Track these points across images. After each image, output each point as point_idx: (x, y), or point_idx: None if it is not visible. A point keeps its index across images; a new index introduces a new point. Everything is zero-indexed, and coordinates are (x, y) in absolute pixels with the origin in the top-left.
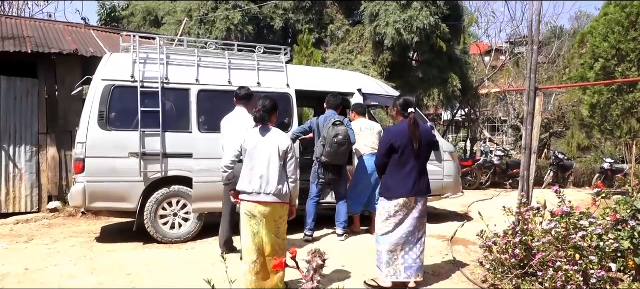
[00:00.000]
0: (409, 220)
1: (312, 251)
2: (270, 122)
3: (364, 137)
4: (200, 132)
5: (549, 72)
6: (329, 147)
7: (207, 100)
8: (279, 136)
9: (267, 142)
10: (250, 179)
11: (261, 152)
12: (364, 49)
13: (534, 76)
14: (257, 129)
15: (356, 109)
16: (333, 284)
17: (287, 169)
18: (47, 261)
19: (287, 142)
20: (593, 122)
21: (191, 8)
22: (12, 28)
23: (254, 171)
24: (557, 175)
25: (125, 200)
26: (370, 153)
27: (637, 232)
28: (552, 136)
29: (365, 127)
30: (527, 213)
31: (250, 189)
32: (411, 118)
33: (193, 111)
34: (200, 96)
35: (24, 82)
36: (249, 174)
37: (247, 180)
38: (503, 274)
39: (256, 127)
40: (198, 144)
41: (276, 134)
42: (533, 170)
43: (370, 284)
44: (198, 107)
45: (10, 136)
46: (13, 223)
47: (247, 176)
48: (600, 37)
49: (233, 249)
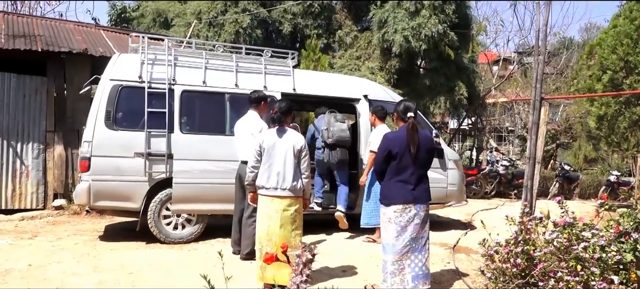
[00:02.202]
0: (411, 227)
1: (303, 245)
2: (286, 123)
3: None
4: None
5: (557, 82)
6: (332, 127)
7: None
8: (294, 136)
9: (283, 142)
10: (269, 175)
11: (278, 151)
12: (372, 55)
13: (540, 86)
14: (274, 129)
15: (377, 113)
16: (327, 283)
17: (301, 166)
18: (50, 257)
19: (301, 142)
20: (600, 134)
21: (201, 10)
22: (23, 26)
23: (272, 168)
24: (562, 186)
25: (130, 200)
26: None
27: (639, 244)
28: (558, 147)
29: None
30: (530, 223)
31: (269, 185)
32: (410, 123)
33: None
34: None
35: (33, 80)
36: (267, 171)
37: (266, 177)
38: (504, 283)
39: (273, 128)
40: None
41: (292, 134)
42: (536, 180)
43: None
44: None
45: (18, 133)
46: (18, 219)
47: (265, 173)
48: (608, 49)
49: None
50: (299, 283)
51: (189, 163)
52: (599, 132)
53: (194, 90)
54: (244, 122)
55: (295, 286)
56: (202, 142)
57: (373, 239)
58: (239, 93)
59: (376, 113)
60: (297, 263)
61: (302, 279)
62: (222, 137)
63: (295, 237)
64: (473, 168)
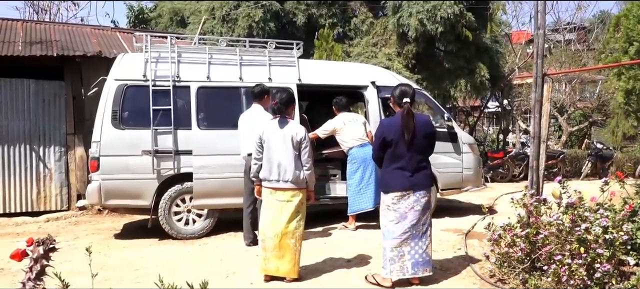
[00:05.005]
0: (411, 213)
1: (42, 239)
2: (287, 114)
3: (348, 130)
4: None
5: (584, 58)
6: None
7: (215, 96)
8: (294, 127)
9: (283, 133)
10: (270, 167)
11: (278, 143)
12: (389, 42)
13: (541, 62)
14: (276, 120)
15: (336, 104)
16: (330, 274)
17: (301, 157)
18: (62, 257)
19: (301, 133)
20: (629, 109)
21: (214, 7)
22: (40, 33)
23: (273, 160)
24: (595, 166)
25: (140, 197)
26: (359, 144)
27: None
28: (592, 126)
29: (348, 119)
30: (532, 205)
31: (271, 177)
32: (405, 108)
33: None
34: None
35: (51, 85)
36: (268, 163)
37: (268, 169)
38: (510, 268)
39: (274, 119)
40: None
41: (292, 125)
42: (543, 160)
43: (371, 281)
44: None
45: (40, 137)
46: (43, 221)
47: (266, 165)
48: (634, 19)
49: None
50: (26, 281)
51: (208, 158)
52: (628, 107)
53: (211, 86)
54: (248, 116)
55: (21, 284)
56: (220, 136)
57: (345, 227)
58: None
59: (335, 105)
60: (29, 260)
61: (31, 276)
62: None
63: (297, 228)
64: (499, 151)
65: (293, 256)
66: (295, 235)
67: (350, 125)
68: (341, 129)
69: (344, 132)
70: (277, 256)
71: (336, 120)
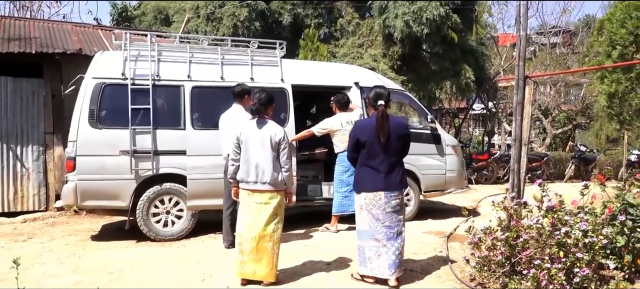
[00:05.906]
0: (382, 215)
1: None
2: (266, 114)
3: (345, 134)
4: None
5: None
6: None
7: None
8: (273, 128)
9: (261, 133)
10: (248, 169)
11: (256, 143)
12: (374, 43)
13: (523, 64)
14: (254, 121)
15: (337, 102)
16: (309, 277)
17: (280, 158)
18: (35, 259)
19: (280, 134)
20: (611, 113)
21: (198, 5)
22: (19, 29)
23: (250, 161)
24: (579, 168)
25: (117, 198)
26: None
27: (626, 227)
28: (576, 128)
29: (345, 121)
30: (513, 208)
31: (249, 178)
32: (379, 110)
33: (187, 108)
34: (193, 92)
35: (30, 83)
36: (245, 164)
37: (245, 170)
38: (490, 272)
39: (253, 119)
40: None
41: (270, 126)
42: (524, 162)
43: (356, 278)
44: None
45: (17, 136)
46: (20, 222)
47: (244, 166)
48: (617, 23)
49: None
50: None
51: (202, 159)
52: (610, 110)
53: (205, 86)
54: (228, 117)
55: None
56: (214, 137)
57: (327, 228)
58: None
59: (335, 102)
60: None
61: None
62: None
63: (275, 231)
64: (483, 153)
65: (271, 259)
66: (273, 238)
67: (347, 128)
68: (338, 131)
69: (341, 135)
70: (254, 259)
71: (335, 121)
